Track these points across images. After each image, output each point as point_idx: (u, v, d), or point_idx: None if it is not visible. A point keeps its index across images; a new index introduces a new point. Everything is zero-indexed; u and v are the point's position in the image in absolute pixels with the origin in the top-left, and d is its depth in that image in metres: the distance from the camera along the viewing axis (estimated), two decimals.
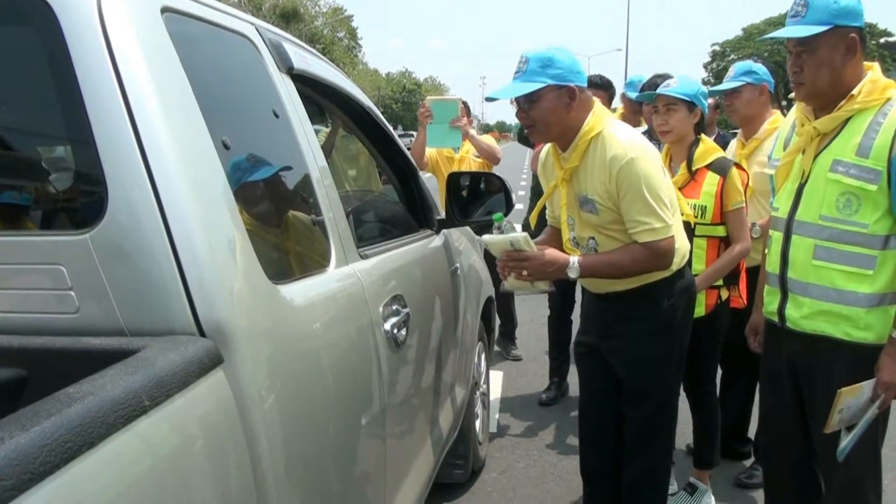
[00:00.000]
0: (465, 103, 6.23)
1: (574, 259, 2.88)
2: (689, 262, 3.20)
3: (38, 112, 1.65)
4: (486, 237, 2.90)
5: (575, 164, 2.96)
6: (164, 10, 1.68)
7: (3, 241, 1.54)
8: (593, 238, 3.03)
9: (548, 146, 3.21)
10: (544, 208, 3.31)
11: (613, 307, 3.18)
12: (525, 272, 2.89)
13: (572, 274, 2.88)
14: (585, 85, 2.96)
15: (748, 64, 4.28)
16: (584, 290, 3.36)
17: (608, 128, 2.91)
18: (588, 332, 3.36)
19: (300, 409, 1.73)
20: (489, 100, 3.04)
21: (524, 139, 6.47)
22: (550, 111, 2.89)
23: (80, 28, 1.50)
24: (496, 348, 6.50)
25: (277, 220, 2.17)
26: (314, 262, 2.14)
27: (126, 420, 1.14)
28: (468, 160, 6.25)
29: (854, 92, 2.59)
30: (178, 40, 1.66)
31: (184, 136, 1.57)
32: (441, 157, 6.22)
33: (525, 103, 2.92)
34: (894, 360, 2.58)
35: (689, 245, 3.15)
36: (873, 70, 2.65)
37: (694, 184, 3.68)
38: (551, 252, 2.91)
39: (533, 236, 3.09)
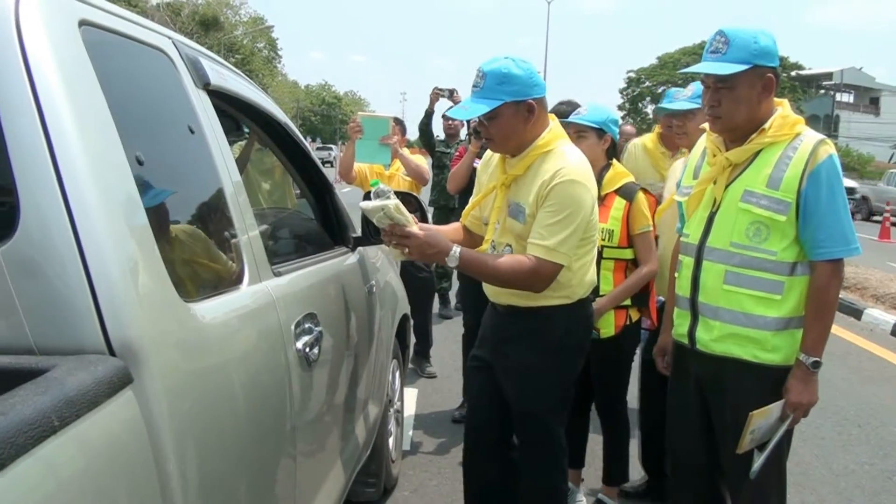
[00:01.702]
0: (399, 122, 6.27)
1: (457, 249, 2.88)
2: (596, 290, 3.25)
3: None
4: (361, 203, 2.89)
5: (519, 173, 3.03)
6: (82, 22, 1.67)
7: None
8: (510, 246, 3.07)
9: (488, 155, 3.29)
10: None
11: (510, 323, 3.20)
12: (406, 249, 2.90)
13: (451, 263, 2.88)
14: (544, 93, 3.01)
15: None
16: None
17: (561, 147, 3.00)
18: (484, 344, 3.38)
19: (210, 428, 1.73)
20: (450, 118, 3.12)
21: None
22: (509, 127, 2.96)
23: None
24: (411, 366, 6.52)
25: (189, 236, 2.14)
26: (226, 279, 2.13)
27: (35, 441, 1.13)
28: (398, 178, 6.29)
29: (765, 126, 2.70)
30: (94, 53, 1.65)
31: (97, 150, 1.56)
32: (371, 172, 6.23)
33: (485, 119, 2.97)
34: (801, 381, 2.69)
35: (592, 279, 3.19)
36: (783, 106, 2.77)
37: (602, 208, 3.77)
38: (435, 236, 2.91)
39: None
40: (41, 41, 1.51)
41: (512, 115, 2.93)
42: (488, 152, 3.32)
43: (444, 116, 7.03)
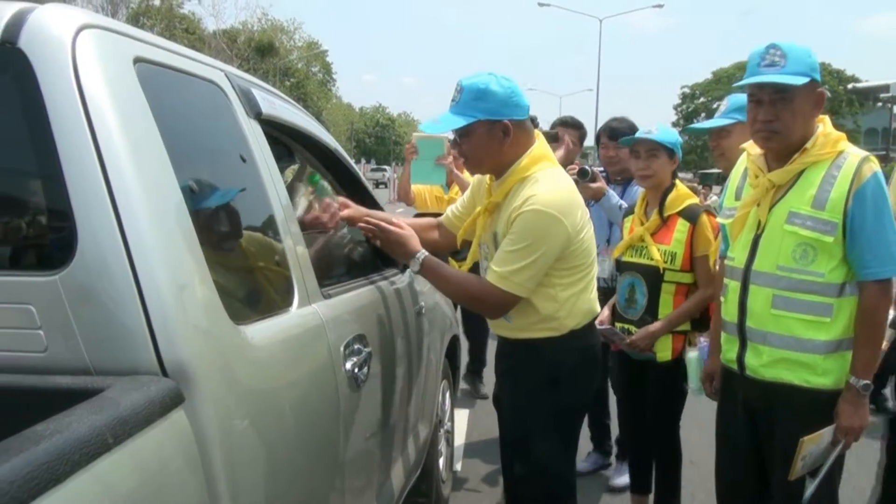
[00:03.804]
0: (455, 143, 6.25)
1: (422, 254, 2.86)
2: (655, 314, 3.11)
3: (11, 156, 1.71)
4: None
5: (499, 200, 2.90)
6: (137, 59, 1.76)
7: None
8: None
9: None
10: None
11: (505, 355, 3.14)
12: (378, 242, 2.95)
13: (413, 266, 2.86)
14: (525, 116, 2.87)
15: (743, 98, 3.13)
16: None
17: (538, 173, 2.83)
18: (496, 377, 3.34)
19: (259, 448, 1.78)
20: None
21: None
22: (482, 146, 2.84)
23: (54, 77, 1.57)
24: (464, 386, 6.54)
25: (241, 261, 2.22)
26: (277, 302, 2.19)
27: (90, 458, 1.19)
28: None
29: (808, 145, 2.67)
30: (148, 88, 1.74)
31: (151, 180, 1.64)
32: (431, 196, 6.22)
33: (458, 136, 2.89)
34: (852, 405, 2.64)
35: (590, 308, 3.01)
36: (824, 123, 2.73)
37: (665, 230, 3.77)
38: (411, 236, 2.91)
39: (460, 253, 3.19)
40: (97, 78, 1.60)
41: (485, 135, 2.81)
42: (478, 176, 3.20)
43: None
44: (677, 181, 3.89)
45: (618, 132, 4.50)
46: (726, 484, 3.10)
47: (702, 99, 66.99)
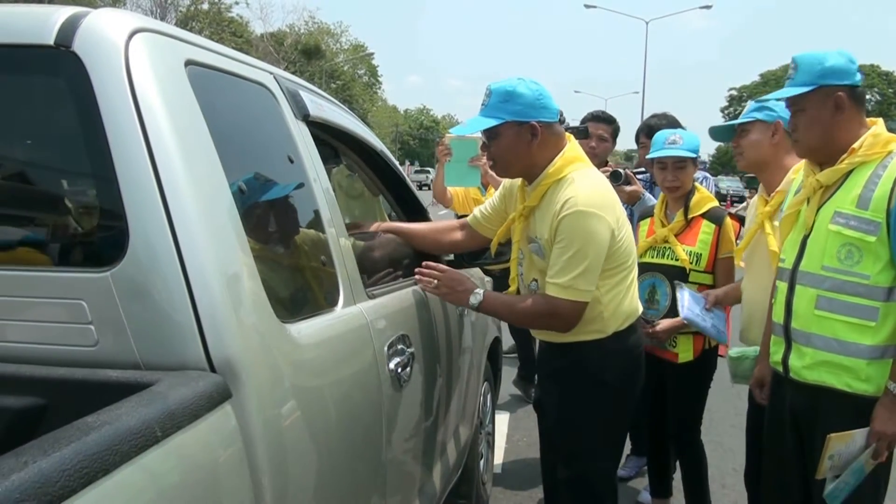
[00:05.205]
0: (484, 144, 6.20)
1: (481, 290, 2.87)
2: (634, 327, 3.06)
3: (67, 157, 1.76)
4: None
5: (534, 204, 2.90)
6: (188, 62, 1.80)
7: (30, 275, 1.64)
8: (536, 281, 2.97)
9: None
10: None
11: (549, 359, 3.12)
12: (434, 283, 2.92)
13: (473, 300, 2.85)
14: (554, 119, 2.88)
15: (762, 100, 3.44)
16: None
17: (573, 174, 2.83)
18: (537, 382, 3.34)
19: (303, 444, 1.81)
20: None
21: None
22: (510, 148, 2.84)
23: (108, 79, 1.61)
24: (517, 392, 6.58)
25: (289, 260, 2.25)
26: (322, 301, 2.23)
27: (139, 450, 1.22)
28: None
29: (855, 146, 2.65)
30: (199, 90, 1.78)
31: (201, 180, 1.67)
32: (468, 199, 6.17)
33: (487, 139, 2.90)
34: (888, 410, 2.58)
35: (633, 309, 3.02)
36: (877, 125, 2.71)
37: (688, 232, 3.80)
38: (462, 275, 2.93)
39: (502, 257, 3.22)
40: (149, 80, 1.64)
41: (514, 137, 2.82)
42: (509, 181, 3.20)
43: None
44: (696, 184, 3.93)
45: (656, 130, 4.42)
46: (770, 488, 3.06)
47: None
